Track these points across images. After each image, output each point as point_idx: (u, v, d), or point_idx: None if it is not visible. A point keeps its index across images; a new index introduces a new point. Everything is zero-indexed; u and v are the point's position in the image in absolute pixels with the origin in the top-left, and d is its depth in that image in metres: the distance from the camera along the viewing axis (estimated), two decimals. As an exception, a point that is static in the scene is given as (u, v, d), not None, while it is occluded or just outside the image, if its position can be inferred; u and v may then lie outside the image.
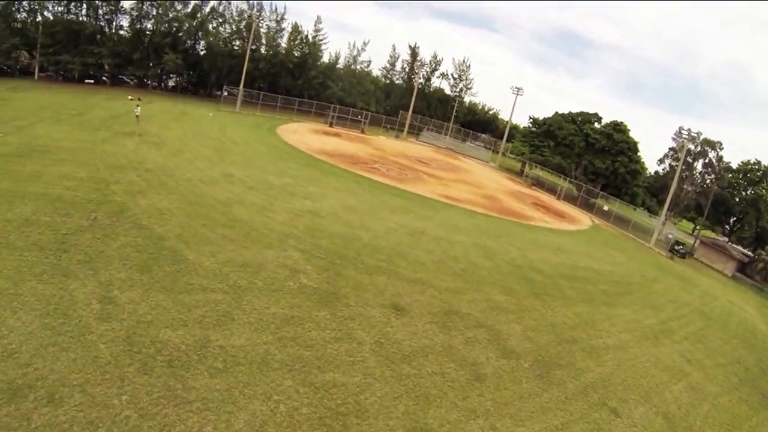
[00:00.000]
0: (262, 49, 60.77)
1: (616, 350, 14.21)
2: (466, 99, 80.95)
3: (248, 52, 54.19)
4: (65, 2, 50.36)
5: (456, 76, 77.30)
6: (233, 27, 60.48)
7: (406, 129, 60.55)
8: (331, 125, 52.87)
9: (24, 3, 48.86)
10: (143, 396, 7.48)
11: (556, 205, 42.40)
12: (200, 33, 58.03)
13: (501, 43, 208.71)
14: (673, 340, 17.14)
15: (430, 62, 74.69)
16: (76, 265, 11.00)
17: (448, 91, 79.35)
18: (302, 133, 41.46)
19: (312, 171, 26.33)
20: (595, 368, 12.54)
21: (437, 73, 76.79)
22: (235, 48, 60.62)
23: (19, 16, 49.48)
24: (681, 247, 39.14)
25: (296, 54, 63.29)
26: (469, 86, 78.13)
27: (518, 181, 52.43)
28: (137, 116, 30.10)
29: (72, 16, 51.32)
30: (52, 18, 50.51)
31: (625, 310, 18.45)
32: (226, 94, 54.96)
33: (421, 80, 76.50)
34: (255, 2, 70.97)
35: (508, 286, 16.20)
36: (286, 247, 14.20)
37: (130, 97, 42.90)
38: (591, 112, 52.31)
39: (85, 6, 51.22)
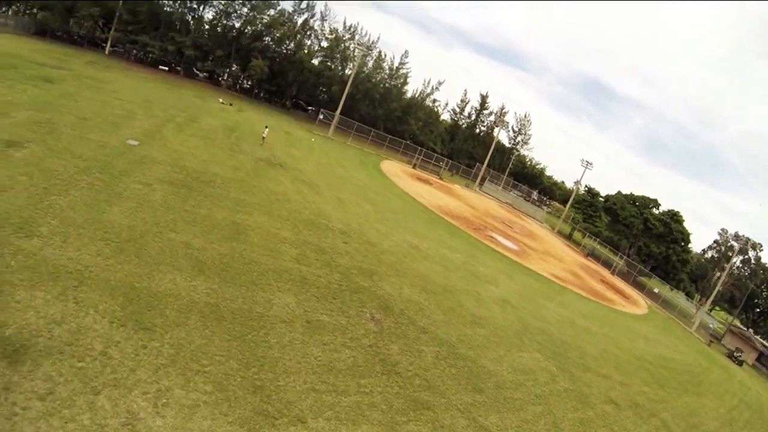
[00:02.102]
0: (348, 72, 60.87)
1: (717, 434, 22.22)
2: (521, 152, 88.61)
3: (351, 77, 53.72)
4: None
5: (516, 129, 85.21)
6: (320, 45, 60.54)
7: (478, 181, 68.25)
8: (414, 167, 57.75)
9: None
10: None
11: (614, 282, 50.09)
12: (292, 44, 57.51)
13: (527, 81, 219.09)
14: (739, 427, 25.14)
15: (497, 113, 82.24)
16: (429, 396, 10.90)
17: (504, 141, 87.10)
18: (403, 178, 46.19)
19: (462, 243, 31.60)
20: (714, 448, 20.54)
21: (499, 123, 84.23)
22: (317, 66, 59.95)
23: None
24: (740, 354, 44.61)
25: (379, 82, 64.30)
26: (526, 141, 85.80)
27: (575, 249, 59.42)
28: (263, 138, 31.89)
29: (156, -2, 49.36)
30: None
31: (705, 400, 26.40)
32: (321, 117, 56.31)
33: (484, 128, 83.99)
34: (350, 24, 69.23)
35: (642, 378, 23.94)
36: (527, 348, 18.02)
37: (221, 101, 43.74)
38: (651, 197, 60.33)
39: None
